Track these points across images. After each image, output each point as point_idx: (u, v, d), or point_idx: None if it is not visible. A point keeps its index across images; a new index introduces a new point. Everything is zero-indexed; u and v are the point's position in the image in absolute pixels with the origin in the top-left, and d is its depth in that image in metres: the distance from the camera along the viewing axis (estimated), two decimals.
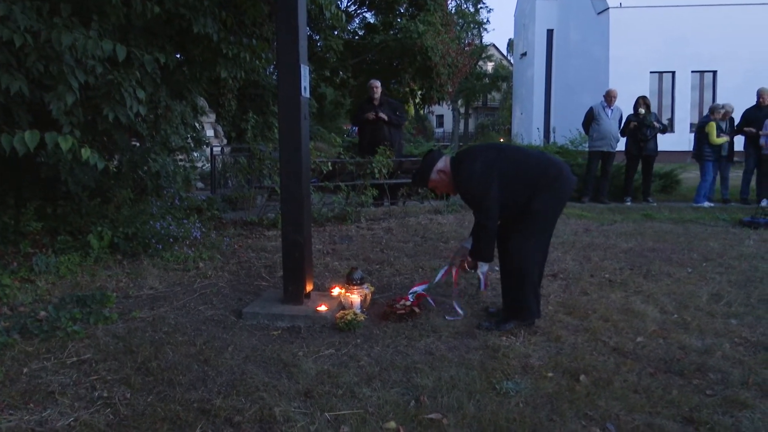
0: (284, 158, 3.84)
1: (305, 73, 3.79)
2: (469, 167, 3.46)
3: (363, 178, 7.37)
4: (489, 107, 47.78)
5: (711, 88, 20.13)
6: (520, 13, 29.89)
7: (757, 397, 2.64)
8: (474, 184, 3.43)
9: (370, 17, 18.09)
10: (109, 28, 4.39)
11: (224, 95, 12.01)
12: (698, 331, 3.48)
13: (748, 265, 4.98)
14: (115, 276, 4.60)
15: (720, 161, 9.35)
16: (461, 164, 3.52)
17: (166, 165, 5.67)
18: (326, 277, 4.70)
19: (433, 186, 3.73)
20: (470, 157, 3.52)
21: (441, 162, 3.60)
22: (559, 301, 4.08)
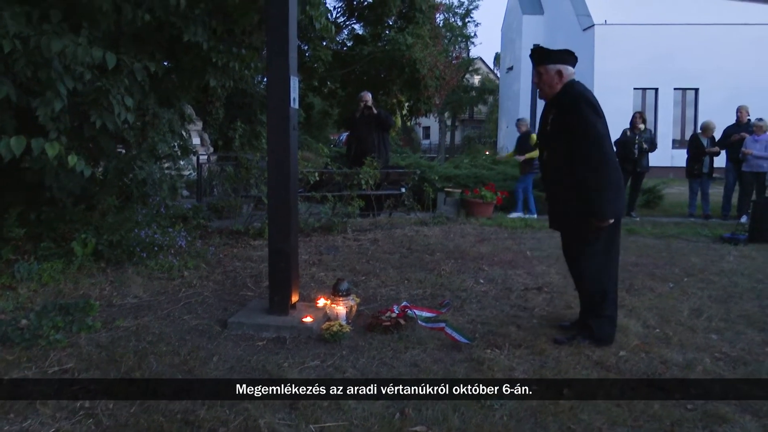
0: (272, 168, 3.84)
1: (295, 84, 3.81)
2: (588, 91, 3.40)
3: (350, 188, 7.39)
4: (475, 120, 48.07)
5: (693, 105, 20.50)
6: (507, 27, 30.27)
7: (737, 411, 2.68)
8: (592, 106, 3.31)
9: (359, 29, 18.18)
10: (99, 35, 4.39)
11: (212, 103, 12.01)
12: (680, 346, 3.53)
13: (728, 281, 5.06)
14: (99, 284, 4.56)
15: (701, 177, 9.52)
16: (581, 87, 3.44)
17: (153, 173, 5.64)
18: (312, 287, 4.70)
19: (542, 72, 3.48)
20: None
21: (567, 69, 3.47)
22: (543, 314, 4.12)
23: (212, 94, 10.82)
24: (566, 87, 3.44)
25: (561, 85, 3.46)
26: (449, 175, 10.72)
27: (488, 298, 4.48)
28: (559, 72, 3.45)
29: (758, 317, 4.08)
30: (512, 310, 4.20)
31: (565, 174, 3.40)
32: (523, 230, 7.57)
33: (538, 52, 3.58)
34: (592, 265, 3.49)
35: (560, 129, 3.42)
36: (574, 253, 3.58)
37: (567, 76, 3.47)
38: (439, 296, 4.48)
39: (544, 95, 3.56)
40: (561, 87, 3.46)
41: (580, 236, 3.48)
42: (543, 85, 3.51)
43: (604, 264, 3.50)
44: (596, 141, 3.27)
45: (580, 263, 3.56)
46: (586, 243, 3.46)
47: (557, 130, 3.45)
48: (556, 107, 3.49)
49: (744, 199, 9.15)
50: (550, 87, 3.48)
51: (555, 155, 3.49)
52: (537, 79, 3.55)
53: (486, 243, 6.57)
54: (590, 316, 3.55)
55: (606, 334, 3.52)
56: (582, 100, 3.34)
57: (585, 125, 3.29)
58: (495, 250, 6.15)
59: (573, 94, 3.39)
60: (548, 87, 3.49)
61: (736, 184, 9.45)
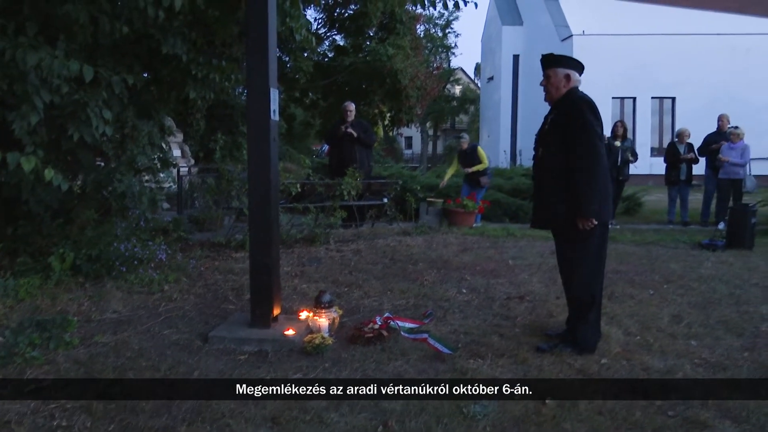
0: (253, 180, 3.83)
1: (275, 96, 3.80)
2: (591, 99, 3.48)
3: (332, 199, 7.37)
4: (457, 129, 48.26)
5: (670, 113, 20.84)
6: (487, 38, 30.55)
7: (717, 417, 2.71)
8: (593, 111, 3.41)
9: (340, 40, 18.24)
10: (76, 48, 4.35)
11: (192, 115, 11.94)
12: (660, 353, 3.56)
13: (707, 287, 5.12)
14: (77, 299, 4.49)
15: (679, 184, 9.67)
16: (584, 94, 3.53)
17: (132, 186, 5.58)
18: (294, 300, 4.67)
19: (551, 75, 3.59)
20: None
21: (575, 74, 3.59)
22: (526, 323, 4.13)
23: (192, 105, 10.75)
24: (571, 91, 3.56)
25: (567, 89, 3.57)
26: (432, 184, 10.75)
27: (471, 307, 4.49)
28: (567, 76, 3.56)
29: (736, 323, 4.13)
30: (495, 319, 4.21)
31: (557, 173, 3.48)
32: (505, 239, 7.60)
33: (548, 56, 3.69)
34: (586, 269, 3.54)
35: (559, 129, 3.52)
36: (567, 256, 3.61)
37: (574, 82, 3.58)
38: (422, 306, 4.47)
39: (550, 98, 3.65)
40: (566, 91, 3.56)
41: (572, 238, 3.51)
42: (550, 87, 3.62)
43: (597, 269, 3.57)
44: (593, 144, 3.37)
45: (572, 267, 3.58)
46: (578, 245, 3.50)
47: (555, 130, 3.55)
48: (557, 109, 3.60)
49: (721, 205, 9.29)
50: (557, 90, 3.59)
51: (550, 154, 3.58)
52: (545, 81, 3.65)
53: (468, 252, 6.58)
54: (577, 322, 3.58)
55: (590, 342, 3.55)
56: (585, 104, 3.46)
57: (584, 127, 3.39)
58: (477, 260, 6.17)
59: (577, 97, 3.52)
60: (555, 89, 3.60)
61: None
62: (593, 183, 3.36)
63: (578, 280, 3.57)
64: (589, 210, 3.35)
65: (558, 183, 3.48)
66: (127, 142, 5.74)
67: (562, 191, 3.45)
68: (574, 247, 3.54)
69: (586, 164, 3.36)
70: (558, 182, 3.48)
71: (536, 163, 3.78)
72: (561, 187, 3.46)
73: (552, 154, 3.54)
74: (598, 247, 3.54)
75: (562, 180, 3.45)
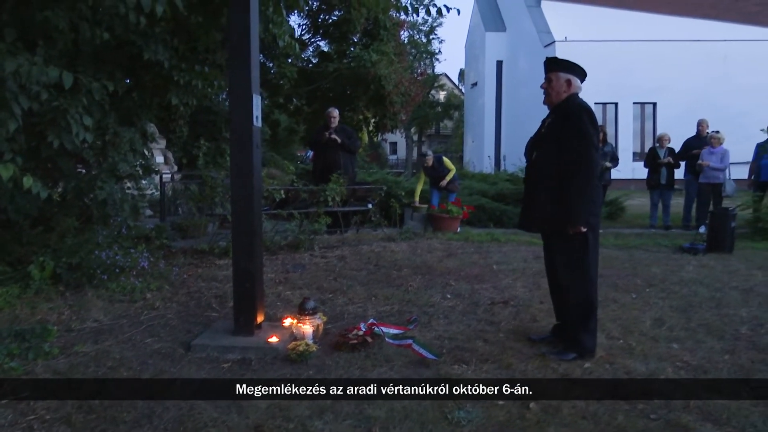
0: (235, 187, 3.81)
1: (257, 102, 3.79)
2: (589, 110, 3.52)
3: (316, 205, 7.36)
4: (442, 135, 48.58)
5: (651, 118, 21.11)
6: (470, 44, 30.74)
7: (698, 420, 2.73)
8: (592, 120, 3.45)
9: (324, 46, 18.24)
10: (55, 54, 4.30)
11: (175, 121, 11.86)
12: (643, 356, 3.59)
13: (689, 291, 5.18)
14: (57, 308, 4.42)
15: (660, 188, 9.78)
16: (584, 101, 3.57)
17: (114, 193, 5.52)
18: (278, 306, 4.64)
19: (553, 79, 3.62)
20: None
21: (576, 80, 3.61)
22: (510, 328, 4.14)
23: (175, 112, 10.69)
24: (571, 97, 3.59)
25: (567, 94, 3.60)
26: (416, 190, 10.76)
27: (455, 313, 4.50)
28: (569, 81, 3.60)
29: (717, 326, 4.18)
30: (479, 324, 4.21)
31: (551, 176, 3.52)
32: (489, 244, 7.63)
33: (551, 59, 3.74)
34: (585, 274, 3.55)
35: (556, 133, 3.55)
36: (566, 263, 3.60)
37: (575, 87, 3.62)
38: (406, 312, 4.47)
39: (549, 102, 3.68)
40: (566, 96, 3.59)
41: (567, 242, 3.52)
42: (551, 90, 3.65)
43: (594, 274, 3.60)
44: (588, 151, 3.41)
45: (573, 273, 3.57)
46: (576, 251, 3.51)
47: (552, 135, 3.58)
48: (555, 113, 3.63)
49: (702, 209, 9.41)
50: (557, 94, 3.62)
51: (545, 158, 3.60)
52: (546, 85, 3.67)
53: (453, 258, 6.60)
54: (579, 328, 3.56)
55: (592, 347, 3.57)
56: (584, 111, 3.50)
57: (582, 136, 3.43)
58: (462, 265, 6.18)
59: (577, 103, 3.55)
60: (555, 93, 3.63)
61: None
62: (585, 191, 3.40)
63: (579, 286, 3.57)
64: (579, 218, 3.39)
65: (552, 186, 3.51)
66: (109, 148, 5.69)
67: (556, 194, 3.48)
68: (572, 254, 3.55)
69: (580, 172, 3.40)
70: (552, 185, 3.51)
71: (530, 166, 3.81)
72: (555, 190, 3.49)
73: (547, 158, 3.58)
74: (594, 252, 3.58)
75: (556, 183, 3.49)
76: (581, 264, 3.54)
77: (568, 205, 3.41)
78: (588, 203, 3.41)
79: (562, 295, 3.72)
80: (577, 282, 3.57)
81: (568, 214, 3.42)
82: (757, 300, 4.86)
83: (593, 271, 3.60)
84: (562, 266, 3.63)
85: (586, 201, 3.40)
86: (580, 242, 3.49)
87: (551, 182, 3.52)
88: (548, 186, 3.54)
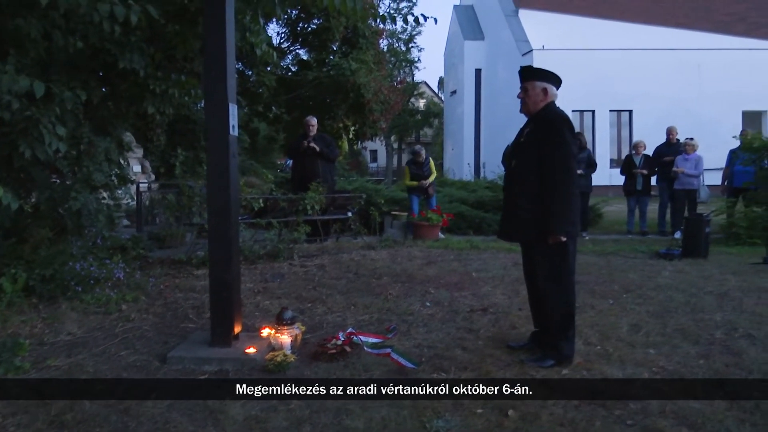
0: (212, 196, 3.78)
1: (234, 111, 3.77)
2: (568, 119, 3.54)
3: (296, 214, 7.33)
4: (422, 142, 48.66)
5: (628, 125, 21.42)
6: (449, 52, 30.96)
7: (674, 425, 2.76)
8: (570, 129, 3.49)
9: (304, 54, 18.27)
10: (28, 63, 4.24)
11: (153, 130, 11.74)
12: (619, 362, 3.61)
13: (665, 296, 5.24)
14: (30, 321, 4.34)
15: (636, 194, 9.92)
16: (561, 110, 3.60)
17: (88, 203, 5.44)
18: (257, 317, 4.60)
19: (529, 88, 3.63)
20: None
21: (552, 88, 3.62)
22: (489, 335, 4.15)
23: (152, 120, 10.59)
24: (549, 106, 3.62)
25: (545, 103, 3.62)
26: (396, 198, 10.78)
27: (435, 321, 4.49)
28: (545, 89, 3.62)
29: (692, 330, 4.23)
30: (458, 332, 4.22)
31: (530, 186, 3.53)
32: (468, 251, 7.65)
33: (526, 69, 3.75)
34: (565, 283, 3.57)
35: (535, 143, 3.56)
36: (547, 272, 3.60)
37: (551, 96, 3.64)
38: (386, 321, 4.46)
39: (527, 111, 3.69)
40: (543, 105, 3.62)
41: (547, 251, 3.54)
42: (528, 100, 3.66)
43: (573, 282, 3.62)
44: (567, 161, 3.45)
45: (553, 282, 3.58)
46: (556, 260, 3.53)
47: (532, 144, 3.59)
48: (534, 122, 3.64)
49: (677, 215, 9.56)
50: (534, 103, 3.63)
51: (524, 167, 3.61)
52: (523, 94, 3.68)
53: (433, 265, 6.61)
54: (559, 336, 3.58)
55: (570, 354, 3.59)
56: (562, 120, 3.53)
57: (561, 145, 3.45)
58: (441, 273, 6.19)
59: (555, 112, 3.58)
60: (532, 103, 3.64)
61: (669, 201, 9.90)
62: (565, 200, 3.42)
63: (558, 295, 3.58)
64: (559, 227, 3.41)
65: (531, 196, 3.53)
66: (83, 158, 5.60)
67: (536, 204, 3.50)
68: (551, 262, 3.57)
69: (559, 181, 3.43)
70: (531, 195, 3.53)
71: (509, 175, 3.83)
72: (533, 199, 3.51)
73: (527, 167, 3.59)
74: (573, 260, 3.60)
75: (535, 193, 3.51)
76: (561, 272, 3.56)
77: (548, 214, 3.43)
78: (567, 212, 3.43)
79: (541, 302, 3.74)
80: (556, 290, 3.58)
81: (547, 224, 3.44)
82: (731, 304, 4.93)
83: (572, 279, 3.63)
84: (542, 275, 3.65)
85: (566, 210, 3.43)
86: (559, 251, 3.51)
87: (531, 192, 3.53)
88: (528, 196, 3.55)
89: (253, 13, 5.34)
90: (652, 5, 24.43)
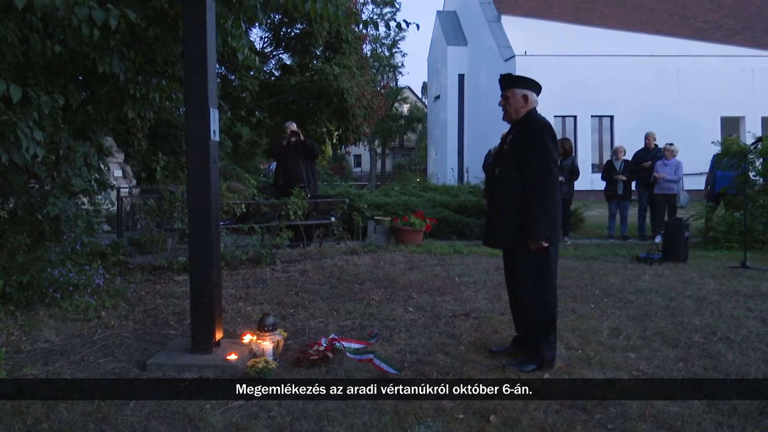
0: (192, 201, 3.74)
1: (215, 116, 3.74)
2: (549, 126, 3.57)
3: (278, 219, 7.30)
4: (405, 147, 48.84)
5: (609, 131, 21.66)
6: (432, 58, 31.11)
7: (654, 428, 2.78)
8: (552, 136, 3.50)
9: (287, 59, 18.23)
10: (5, 67, 4.18)
11: (134, 135, 11.63)
12: (600, 366, 3.64)
13: (644, 300, 5.29)
14: (6, 329, 4.26)
15: (617, 199, 10.01)
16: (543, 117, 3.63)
17: (67, 208, 5.37)
18: (239, 323, 4.57)
19: (510, 96, 3.66)
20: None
21: (532, 95, 3.64)
22: (471, 340, 4.16)
23: (133, 125, 10.48)
24: (531, 113, 3.65)
25: (526, 110, 3.65)
26: (379, 203, 10.78)
27: (417, 326, 4.49)
28: (525, 97, 3.65)
29: (672, 334, 4.28)
30: (440, 337, 4.22)
31: (514, 193, 3.57)
32: (451, 256, 7.68)
33: (506, 77, 3.76)
34: (547, 288, 3.59)
35: (518, 150, 3.60)
36: (528, 277, 3.62)
37: (532, 102, 3.67)
38: (368, 326, 4.45)
39: (509, 118, 3.72)
40: (525, 112, 3.64)
41: (530, 258, 3.56)
42: (509, 107, 3.69)
43: (554, 287, 3.65)
44: (549, 168, 3.48)
45: (534, 287, 3.60)
46: (537, 265, 3.56)
47: (514, 151, 3.63)
48: (516, 129, 3.67)
49: (657, 220, 9.68)
50: (516, 110, 3.66)
51: (507, 174, 3.65)
52: (504, 102, 3.71)
53: (415, 270, 6.62)
54: (540, 340, 3.59)
55: (552, 358, 3.61)
56: (544, 127, 3.56)
57: (543, 151, 3.49)
58: (424, 278, 6.20)
59: (537, 119, 3.61)
60: (514, 110, 3.67)
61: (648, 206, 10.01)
62: (546, 206, 3.45)
63: (540, 300, 3.60)
64: (540, 233, 3.45)
65: (514, 202, 3.57)
66: (62, 163, 5.54)
67: (520, 211, 3.53)
68: (534, 267, 3.59)
69: (541, 187, 3.46)
70: (515, 202, 3.56)
71: (493, 182, 3.86)
72: (516, 206, 3.55)
73: (510, 174, 3.62)
74: (555, 265, 3.64)
75: (518, 200, 3.54)
76: (542, 277, 3.59)
77: (530, 220, 3.46)
78: (549, 219, 3.46)
79: (523, 307, 3.76)
80: (538, 295, 3.60)
81: (530, 230, 3.47)
82: (710, 308, 5.00)
83: (554, 284, 3.66)
84: (524, 280, 3.66)
85: (548, 216, 3.45)
86: (541, 256, 3.54)
87: (514, 199, 3.57)
88: (512, 202, 3.59)
89: (235, 17, 5.30)
90: (632, 13, 24.80)
